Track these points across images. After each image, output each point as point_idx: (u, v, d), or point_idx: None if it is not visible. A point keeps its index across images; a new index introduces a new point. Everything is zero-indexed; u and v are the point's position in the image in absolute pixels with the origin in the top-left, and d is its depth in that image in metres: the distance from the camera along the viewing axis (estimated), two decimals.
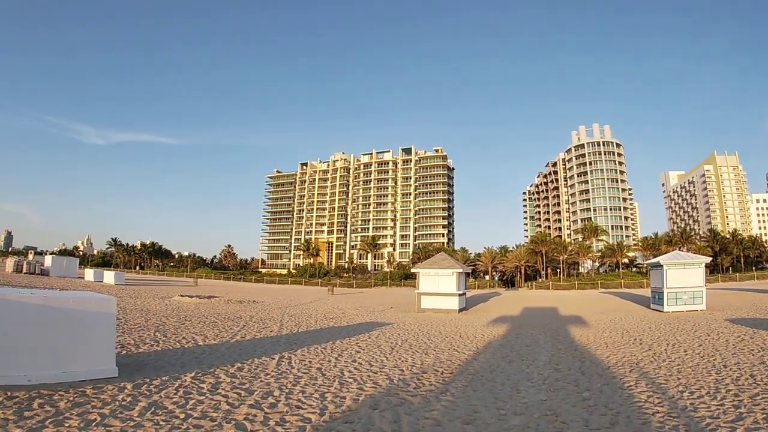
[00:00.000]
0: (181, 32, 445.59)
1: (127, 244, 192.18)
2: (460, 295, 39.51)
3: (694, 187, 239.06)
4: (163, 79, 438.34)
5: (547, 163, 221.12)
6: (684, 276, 34.91)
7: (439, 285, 38.67)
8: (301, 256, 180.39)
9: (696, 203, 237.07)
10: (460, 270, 39.43)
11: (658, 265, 36.19)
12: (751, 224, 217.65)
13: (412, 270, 44.21)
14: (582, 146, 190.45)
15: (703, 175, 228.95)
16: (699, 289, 34.89)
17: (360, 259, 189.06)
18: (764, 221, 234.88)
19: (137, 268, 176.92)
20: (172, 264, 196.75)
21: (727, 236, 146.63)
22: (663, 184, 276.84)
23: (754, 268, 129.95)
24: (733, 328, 23.25)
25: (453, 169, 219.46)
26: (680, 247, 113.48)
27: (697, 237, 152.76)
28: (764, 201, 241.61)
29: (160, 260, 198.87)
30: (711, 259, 52.85)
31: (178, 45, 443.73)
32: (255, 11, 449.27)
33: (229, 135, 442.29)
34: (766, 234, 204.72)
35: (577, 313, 37.47)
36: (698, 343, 19.45)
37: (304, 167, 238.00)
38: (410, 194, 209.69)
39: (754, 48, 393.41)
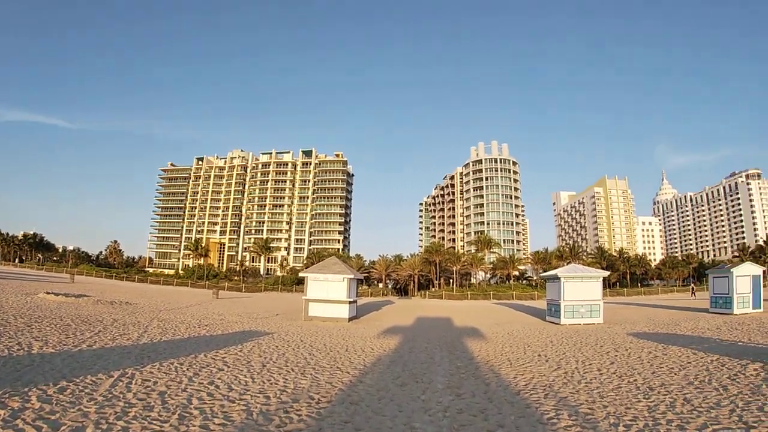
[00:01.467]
0: (83, 16, 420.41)
1: (7, 234, 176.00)
2: (350, 302, 36.77)
3: (584, 207, 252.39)
4: (64, 60, 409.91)
5: (445, 176, 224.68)
6: (581, 289, 34.25)
7: (328, 291, 35.72)
8: (191, 257, 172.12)
9: (585, 222, 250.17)
10: (352, 276, 36.63)
11: (556, 278, 35.19)
12: (636, 244, 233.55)
13: (300, 274, 41.09)
14: (480, 162, 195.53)
15: (593, 196, 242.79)
16: (596, 303, 34.37)
17: (253, 262, 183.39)
18: (648, 242, 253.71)
19: (17, 260, 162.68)
20: (54, 258, 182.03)
21: (614, 254, 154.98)
22: (554, 203, 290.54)
23: (639, 284, 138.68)
24: (639, 343, 21.84)
25: (353, 175, 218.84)
26: (569, 262, 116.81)
27: (584, 253, 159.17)
28: (649, 224, 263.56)
29: (41, 253, 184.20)
30: (609, 273, 53.43)
31: (80, 29, 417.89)
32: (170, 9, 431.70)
33: (125, 122, 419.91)
34: (650, 254, 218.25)
35: (473, 324, 35.76)
36: (609, 360, 17.63)
37: (200, 162, 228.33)
38: (308, 197, 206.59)
39: (648, 80, 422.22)
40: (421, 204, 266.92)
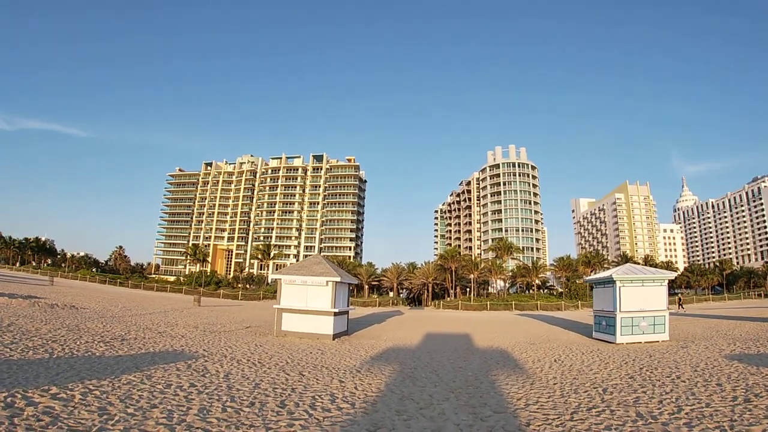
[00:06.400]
0: (91, 27, 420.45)
1: (9, 238, 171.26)
2: (336, 314, 27.95)
3: (604, 214, 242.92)
4: (76, 70, 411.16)
5: (461, 182, 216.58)
6: (643, 295, 25.68)
7: (307, 299, 27.24)
8: (194, 263, 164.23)
9: (605, 230, 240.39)
10: (338, 279, 27.65)
11: (609, 281, 26.42)
12: (658, 252, 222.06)
13: (272, 276, 31.89)
14: (497, 166, 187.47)
15: (614, 202, 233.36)
16: (661, 314, 25.72)
17: (261, 269, 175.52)
18: (671, 250, 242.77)
19: (17, 264, 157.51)
20: (62, 264, 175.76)
21: (639, 261, 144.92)
22: (573, 210, 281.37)
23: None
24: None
25: (365, 181, 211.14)
26: (594, 271, 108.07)
27: (607, 262, 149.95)
28: (671, 231, 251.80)
29: (46, 258, 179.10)
30: (676, 274, 44.40)
31: (90, 39, 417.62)
32: (174, 9, 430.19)
33: (135, 130, 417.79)
34: (673, 262, 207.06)
35: (500, 345, 26.88)
36: None
37: (209, 167, 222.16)
38: (318, 203, 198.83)
39: (666, 91, 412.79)
40: (436, 211, 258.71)
